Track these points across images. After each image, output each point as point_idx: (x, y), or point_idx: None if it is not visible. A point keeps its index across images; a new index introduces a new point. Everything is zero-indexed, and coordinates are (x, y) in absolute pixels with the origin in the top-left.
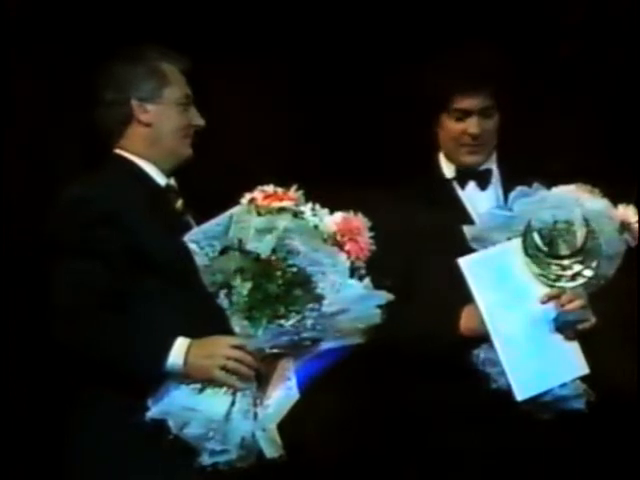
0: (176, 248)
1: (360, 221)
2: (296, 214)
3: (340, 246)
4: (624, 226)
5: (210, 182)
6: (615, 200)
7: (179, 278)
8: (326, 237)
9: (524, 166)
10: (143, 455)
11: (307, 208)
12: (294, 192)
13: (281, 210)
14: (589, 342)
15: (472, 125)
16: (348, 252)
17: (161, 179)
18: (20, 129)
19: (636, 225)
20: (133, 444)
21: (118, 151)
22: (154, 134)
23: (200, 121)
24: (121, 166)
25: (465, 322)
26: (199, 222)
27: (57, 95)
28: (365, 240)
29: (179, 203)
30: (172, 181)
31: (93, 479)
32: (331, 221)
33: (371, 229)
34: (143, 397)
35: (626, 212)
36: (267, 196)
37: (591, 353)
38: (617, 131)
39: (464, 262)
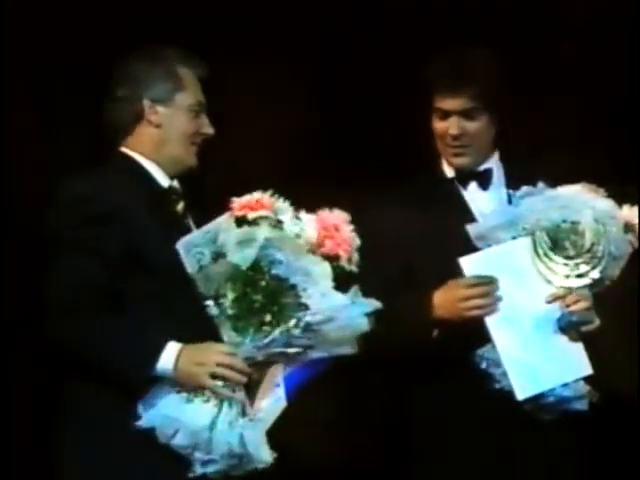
0: (174, 251)
1: (337, 217)
2: (275, 224)
3: (320, 246)
4: (628, 227)
5: (212, 185)
6: (618, 200)
7: (175, 281)
8: (309, 245)
9: (527, 166)
10: (139, 459)
11: (287, 217)
12: (268, 198)
13: (259, 220)
14: (593, 343)
15: (452, 126)
16: (328, 251)
17: (164, 180)
18: (20, 125)
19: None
20: (129, 447)
21: (124, 149)
22: (161, 136)
23: (210, 130)
24: (124, 165)
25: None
26: (200, 225)
27: (58, 93)
28: (344, 235)
29: (180, 205)
30: (175, 183)
31: None
32: (309, 224)
33: (352, 222)
34: (135, 399)
35: (631, 213)
36: (242, 206)
37: (595, 354)
38: (619, 131)
39: (465, 262)
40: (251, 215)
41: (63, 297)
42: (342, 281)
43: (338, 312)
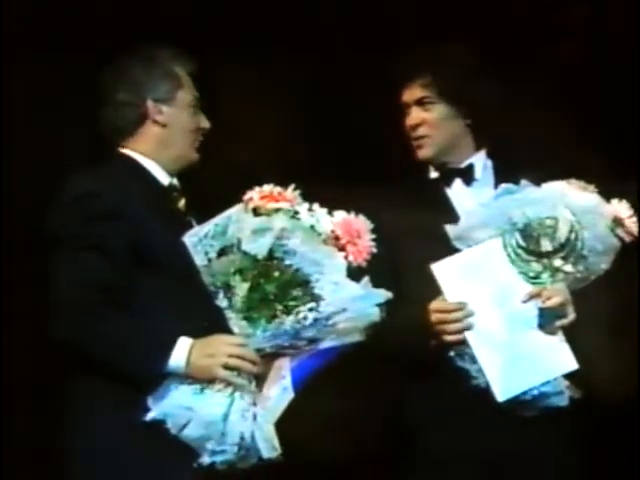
0: (177, 247)
1: (361, 223)
2: (292, 214)
3: (339, 248)
4: (617, 221)
5: (212, 182)
6: (617, 197)
7: (180, 277)
8: (323, 237)
9: (517, 165)
10: (143, 454)
11: (303, 208)
12: (291, 192)
13: (277, 211)
14: (579, 338)
15: (410, 117)
16: (346, 255)
17: (164, 178)
18: (21, 125)
19: (629, 220)
20: (133, 443)
21: (123, 150)
22: (167, 135)
23: (206, 124)
24: (125, 164)
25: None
26: (201, 222)
27: (58, 93)
28: (364, 244)
29: (181, 202)
30: (175, 181)
31: (92, 478)
32: (330, 221)
33: (373, 231)
34: (144, 396)
35: (619, 207)
36: (264, 196)
37: (581, 350)
38: (618, 128)
39: (436, 267)
40: (270, 205)
41: (68, 296)
42: (350, 274)
43: (350, 303)
